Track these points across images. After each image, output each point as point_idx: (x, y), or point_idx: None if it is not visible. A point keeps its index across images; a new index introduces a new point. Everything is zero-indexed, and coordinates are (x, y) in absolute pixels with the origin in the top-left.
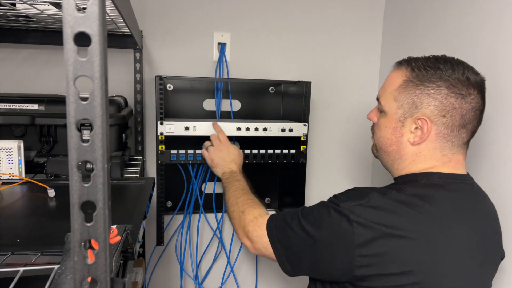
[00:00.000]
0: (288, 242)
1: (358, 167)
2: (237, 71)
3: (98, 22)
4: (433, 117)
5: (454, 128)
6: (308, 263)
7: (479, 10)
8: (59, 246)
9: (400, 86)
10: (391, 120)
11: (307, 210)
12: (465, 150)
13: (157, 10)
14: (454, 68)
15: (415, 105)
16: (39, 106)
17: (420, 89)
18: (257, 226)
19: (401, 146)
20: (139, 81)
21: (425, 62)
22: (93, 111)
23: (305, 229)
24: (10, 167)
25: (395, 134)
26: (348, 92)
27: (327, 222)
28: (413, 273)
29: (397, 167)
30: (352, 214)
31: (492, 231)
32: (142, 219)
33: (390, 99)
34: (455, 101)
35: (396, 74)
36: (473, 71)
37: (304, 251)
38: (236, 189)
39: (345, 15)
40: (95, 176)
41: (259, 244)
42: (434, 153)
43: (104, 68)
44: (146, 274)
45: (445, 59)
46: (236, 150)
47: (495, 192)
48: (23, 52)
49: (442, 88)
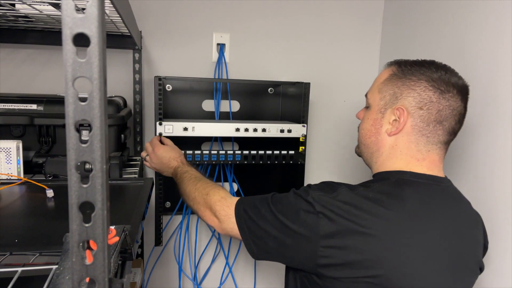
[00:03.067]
0: (255, 225)
1: (357, 168)
2: (236, 72)
3: (97, 23)
4: (410, 108)
5: (430, 123)
6: (274, 247)
7: (478, 12)
8: (57, 247)
9: (386, 79)
10: (373, 111)
11: (277, 196)
12: (442, 152)
13: (156, 10)
14: (438, 68)
15: (396, 96)
16: (38, 106)
17: (402, 81)
18: (225, 206)
19: (379, 137)
20: (138, 81)
21: (413, 61)
22: (92, 112)
23: (273, 214)
24: (9, 167)
25: (375, 125)
26: (347, 93)
27: (294, 210)
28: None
29: (375, 161)
30: (318, 205)
31: (468, 238)
32: (141, 220)
33: (375, 92)
34: (433, 95)
35: (384, 71)
36: (457, 75)
37: (271, 235)
38: (188, 179)
39: (344, 17)
40: (94, 177)
41: (226, 224)
42: (410, 147)
43: (103, 69)
44: (145, 274)
45: (431, 61)
46: (167, 149)
47: (492, 196)
48: (22, 52)
49: (422, 81)
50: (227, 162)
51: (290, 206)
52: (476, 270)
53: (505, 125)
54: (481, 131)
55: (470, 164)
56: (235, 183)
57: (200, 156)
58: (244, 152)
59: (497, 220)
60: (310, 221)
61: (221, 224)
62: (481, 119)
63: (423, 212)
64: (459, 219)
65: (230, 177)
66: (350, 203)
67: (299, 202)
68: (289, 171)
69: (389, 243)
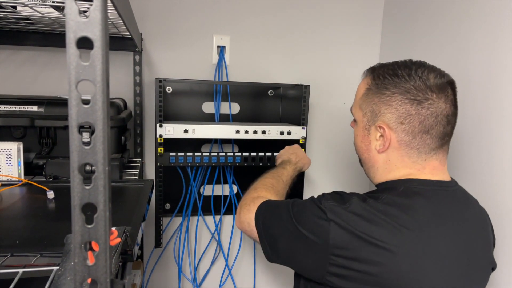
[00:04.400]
0: (270, 224)
1: (357, 170)
2: (236, 74)
3: (101, 27)
4: (391, 124)
5: (415, 135)
6: (285, 249)
7: (478, 10)
8: (58, 248)
9: (363, 95)
10: (360, 128)
11: (298, 201)
12: (440, 156)
13: (157, 12)
14: (411, 74)
15: (375, 113)
16: (39, 108)
17: (378, 97)
18: (252, 203)
19: (371, 154)
20: (139, 83)
21: (386, 70)
22: (95, 115)
23: (289, 215)
24: (10, 169)
25: (364, 142)
26: (346, 95)
27: (307, 215)
28: (387, 281)
29: (373, 175)
30: (330, 213)
31: (479, 239)
32: (141, 221)
33: (357, 107)
34: (410, 107)
35: (362, 83)
36: (435, 74)
37: (283, 236)
38: (273, 172)
39: (344, 20)
40: (96, 179)
41: (245, 217)
42: (403, 160)
43: (105, 72)
44: (144, 276)
45: (406, 65)
46: (302, 151)
47: (494, 195)
48: (23, 54)
49: (396, 95)
50: (227, 164)
51: (305, 210)
52: (488, 270)
53: (505, 125)
54: (481, 131)
55: (469, 163)
56: (234, 185)
57: (200, 158)
58: (244, 154)
59: (498, 220)
60: (321, 228)
61: (240, 216)
62: (481, 119)
63: (435, 220)
64: (470, 222)
65: (230, 179)
66: (361, 215)
67: (312, 208)
68: None
69: (403, 257)
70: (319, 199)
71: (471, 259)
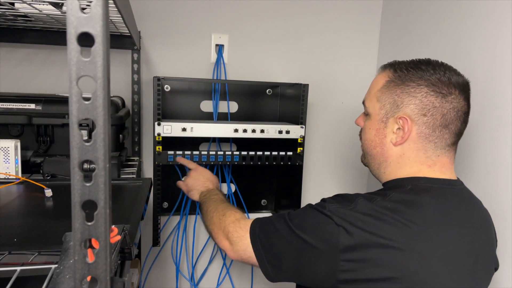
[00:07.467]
0: (270, 243)
1: (355, 170)
2: (234, 73)
3: (102, 22)
4: (413, 116)
5: (435, 128)
6: (291, 266)
7: (477, 12)
8: (56, 246)
9: (383, 87)
10: (374, 121)
11: (293, 213)
12: (451, 153)
13: (156, 11)
14: (435, 69)
15: (396, 105)
16: (36, 106)
17: (401, 88)
18: (238, 227)
19: (384, 148)
20: (137, 81)
21: (408, 64)
22: (96, 111)
23: (290, 230)
24: (7, 167)
25: (379, 136)
26: (345, 94)
27: (313, 224)
28: (398, 280)
29: (384, 171)
30: (337, 218)
31: (484, 239)
32: (140, 220)
33: (373, 100)
34: (435, 100)
35: (380, 76)
36: (456, 72)
37: (287, 252)
38: (215, 201)
39: (343, 18)
40: (97, 176)
41: (239, 245)
42: (418, 154)
43: (106, 68)
44: (142, 275)
45: (427, 61)
46: (210, 172)
47: (494, 196)
48: (20, 52)
49: (422, 86)
50: (225, 163)
51: (308, 220)
52: (492, 270)
53: (505, 125)
54: (481, 131)
55: (470, 163)
56: (232, 184)
57: (198, 156)
58: (242, 153)
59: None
60: (329, 235)
61: (233, 246)
62: (480, 118)
63: (442, 219)
64: (475, 221)
65: (228, 178)
66: (369, 214)
67: (316, 216)
68: (287, 172)
69: (412, 255)
70: (321, 205)
71: (476, 258)
